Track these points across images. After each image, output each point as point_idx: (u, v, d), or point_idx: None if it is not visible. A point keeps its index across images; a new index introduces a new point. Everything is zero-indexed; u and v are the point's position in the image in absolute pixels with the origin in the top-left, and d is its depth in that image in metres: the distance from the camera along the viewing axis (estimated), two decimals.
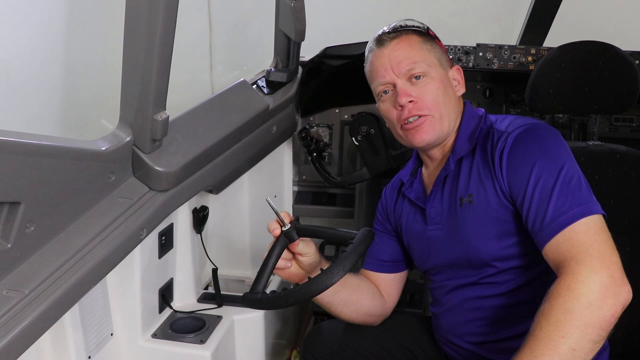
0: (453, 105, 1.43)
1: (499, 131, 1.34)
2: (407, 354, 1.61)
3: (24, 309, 1.08)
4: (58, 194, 1.18)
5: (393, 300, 1.62)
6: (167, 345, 1.60)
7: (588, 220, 1.17)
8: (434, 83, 1.40)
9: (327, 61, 2.16)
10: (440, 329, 1.50)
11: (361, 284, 1.56)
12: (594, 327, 1.06)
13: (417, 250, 1.53)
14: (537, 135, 1.29)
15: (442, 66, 1.43)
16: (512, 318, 1.35)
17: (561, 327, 1.07)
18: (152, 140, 1.39)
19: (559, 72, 1.77)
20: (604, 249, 1.13)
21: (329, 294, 1.41)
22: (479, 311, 1.39)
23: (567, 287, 1.10)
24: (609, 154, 1.75)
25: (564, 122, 2.20)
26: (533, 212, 1.22)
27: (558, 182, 1.21)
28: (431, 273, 1.52)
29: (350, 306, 1.51)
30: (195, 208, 1.79)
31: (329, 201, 2.37)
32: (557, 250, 1.17)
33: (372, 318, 1.58)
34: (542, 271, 1.32)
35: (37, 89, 1.55)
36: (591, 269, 1.10)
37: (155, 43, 1.24)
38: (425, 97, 1.39)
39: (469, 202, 1.35)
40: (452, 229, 1.40)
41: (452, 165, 1.40)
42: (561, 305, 1.09)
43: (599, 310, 1.07)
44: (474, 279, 1.39)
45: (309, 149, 2.06)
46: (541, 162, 1.24)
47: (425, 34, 1.45)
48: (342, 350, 1.66)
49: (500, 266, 1.34)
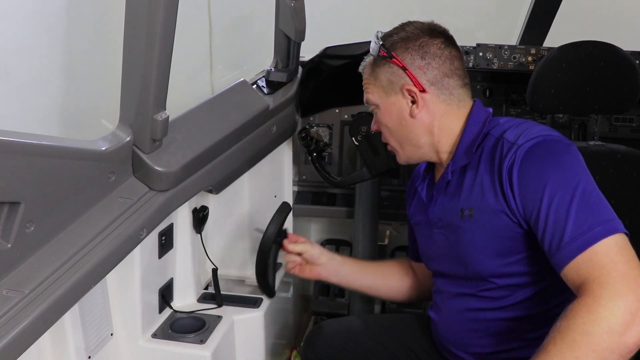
0: (410, 130, 1.38)
1: (508, 142, 1.25)
2: (408, 353, 1.61)
3: (24, 309, 1.08)
4: (58, 194, 1.18)
5: (428, 288, 1.61)
6: (167, 345, 1.59)
7: (609, 241, 1.10)
8: (382, 115, 1.42)
9: (327, 61, 2.16)
10: (439, 336, 1.50)
11: (387, 270, 1.73)
12: (612, 353, 1.01)
13: (423, 249, 1.54)
14: (550, 149, 1.22)
15: (387, 94, 1.38)
16: (511, 332, 1.33)
17: (577, 348, 1.02)
18: (152, 140, 1.39)
19: (560, 72, 1.77)
20: (628, 271, 1.07)
21: (348, 282, 1.71)
22: (477, 323, 1.37)
23: (588, 309, 1.04)
24: (610, 154, 1.75)
25: (564, 122, 2.20)
26: (550, 232, 1.15)
27: (575, 199, 1.14)
28: (434, 275, 1.52)
29: (377, 290, 1.74)
30: (195, 208, 1.79)
31: (329, 201, 2.37)
32: (577, 272, 1.11)
33: (404, 297, 1.74)
34: (544, 287, 1.29)
35: (37, 89, 1.55)
36: (614, 292, 1.04)
37: (155, 43, 1.23)
38: (382, 130, 1.46)
39: (470, 216, 1.31)
40: (453, 237, 1.38)
41: (449, 175, 1.37)
42: (579, 327, 1.03)
43: (620, 337, 1.01)
44: (472, 290, 1.36)
45: (309, 149, 2.06)
46: (555, 178, 1.17)
47: (376, 57, 1.39)
48: (343, 350, 1.66)
49: (498, 282, 1.31)
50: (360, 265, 1.76)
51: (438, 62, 1.35)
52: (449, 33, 1.41)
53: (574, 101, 1.79)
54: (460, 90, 1.39)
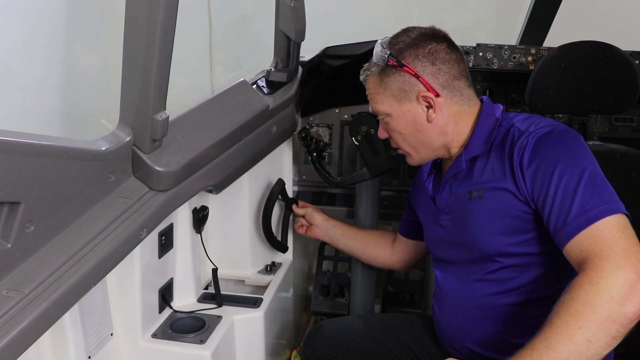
0: (425, 134, 1.43)
1: (520, 130, 1.34)
2: (409, 352, 1.61)
3: (24, 309, 1.08)
4: (58, 194, 1.18)
5: (398, 260, 1.88)
6: (167, 345, 1.60)
7: (612, 219, 1.17)
8: (394, 123, 1.45)
9: (327, 61, 2.16)
10: (442, 329, 1.50)
11: (369, 239, 1.94)
12: (613, 323, 1.06)
13: (429, 238, 1.57)
14: (560, 137, 1.30)
15: (399, 102, 1.41)
16: (516, 318, 1.35)
17: (580, 318, 1.07)
18: (152, 140, 1.39)
19: (559, 72, 1.77)
20: (628, 247, 1.13)
21: (336, 243, 2.00)
22: (482, 310, 1.39)
23: (590, 281, 1.10)
24: (609, 154, 1.75)
25: (564, 122, 2.20)
26: (556, 210, 1.22)
27: (582, 180, 1.21)
28: (439, 264, 1.53)
29: (357, 254, 1.98)
30: (195, 208, 1.79)
31: (329, 201, 2.37)
32: (579, 247, 1.17)
33: (377, 264, 1.97)
34: (549, 270, 1.33)
35: (37, 89, 1.55)
36: (615, 265, 1.10)
37: (155, 43, 1.23)
38: (393, 136, 1.49)
39: (479, 197, 1.36)
40: (459, 221, 1.42)
41: (463, 164, 1.41)
42: (582, 297, 1.09)
43: (621, 306, 1.07)
44: (477, 275, 1.39)
45: (309, 149, 2.06)
46: (564, 161, 1.25)
47: (384, 67, 1.41)
48: (343, 350, 1.66)
49: (505, 262, 1.35)
50: (348, 230, 1.98)
51: (448, 66, 1.40)
52: (449, 36, 1.45)
53: (572, 101, 1.79)
54: (468, 90, 1.45)
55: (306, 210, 2.03)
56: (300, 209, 2.06)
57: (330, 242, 2.03)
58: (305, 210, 2.04)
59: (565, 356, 1.05)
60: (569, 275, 1.18)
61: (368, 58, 1.49)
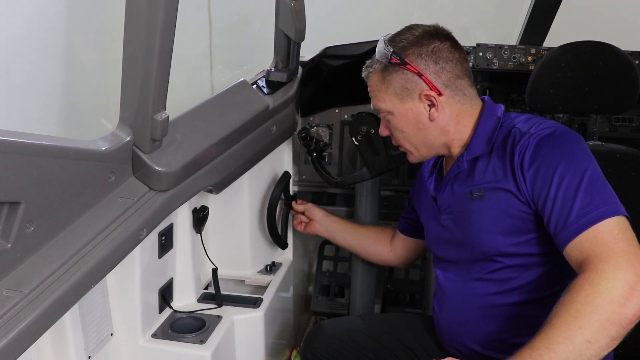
0: (427, 132, 1.43)
1: (521, 131, 1.34)
2: (409, 352, 1.61)
3: (24, 309, 1.08)
4: (58, 194, 1.18)
5: (397, 257, 1.88)
6: (167, 345, 1.60)
7: (612, 221, 1.17)
8: (396, 121, 1.45)
9: (327, 61, 2.16)
10: (442, 329, 1.50)
11: (368, 236, 1.95)
12: (613, 324, 1.06)
13: (430, 237, 1.56)
14: (561, 139, 1.30)
15: (402, 100, 1.41)
16: (517, 317, 1.36)
17: (580, 319, 1.07)
18: (152, 140, 1.39)
19: (559, 72, 1.77)
20: (629, 248, 1.14)
21: (336, 239, 2.01)
22: (483, 309, 1.39)
23: (590, 282, 1.10)
24: (609, 154, 1.75)
25: (563, 122, 2.20)
26: (557, 211, 1.22)
27: (583, 182, 1.22)
28: (440, 264, 1.53)
29: (355, 250, 2.00)
30: (195, 208, 1.79)
31: (329, 201, 2.38)
32: (580, 249, 1.17)
33: (376, 260, 1.98)
34: (549, 271, 1.33)
35: (37, 89, 1.55)
36: (616, 267, 1.10)
37: (155, 43, 1.23)
38: (394, 134, 1.49)
39: (480, 197, 1.36)
40: (460, 221, 1.42)
41: (464, 164, 1.41)
42: (582, 298, 1.09)
43: (621, 307, 1.07)
44: (478, 274, 1.39)
45: (309, 149, 2.06)
46: (565, 163, 1.25)
47: (387, 64, 1.40)
48: (343, 350, 1.66)
49: (506, 262, 1.35)
50: (347, 226, 2.00)
51: (451, 65, 1.40)
52: (453, 35, 1.44)
53: (572, 101, 1.79)
54: (471, 89, 1.44)
55: (306, 207, 2.05)
56: (299, 206, 2.07)
57: (330, 238, 2.03)
58: (305, 206, 2.06)
59: (565, 356, 1.06)
60: (570, 275, 1.18)
61: (368, 58, 1.49)
